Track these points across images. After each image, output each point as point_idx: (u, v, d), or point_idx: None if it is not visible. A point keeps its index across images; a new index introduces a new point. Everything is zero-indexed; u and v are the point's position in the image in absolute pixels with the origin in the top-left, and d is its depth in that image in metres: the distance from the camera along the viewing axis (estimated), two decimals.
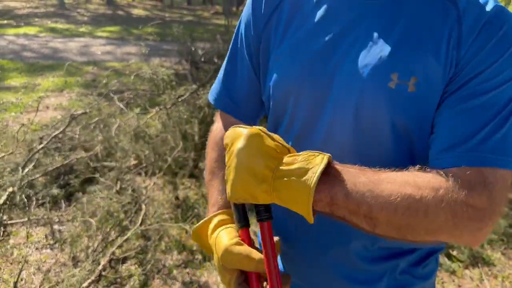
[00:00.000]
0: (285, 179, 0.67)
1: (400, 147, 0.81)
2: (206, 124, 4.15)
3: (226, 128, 1.01)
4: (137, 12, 19.02)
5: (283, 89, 0.89)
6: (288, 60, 0.88)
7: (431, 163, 0.77)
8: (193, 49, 6.68)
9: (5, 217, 2.99)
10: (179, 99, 4.46)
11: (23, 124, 4.06)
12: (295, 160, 0.69)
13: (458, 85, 0.75)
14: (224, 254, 0.78)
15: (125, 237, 2.77)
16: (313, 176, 0.65)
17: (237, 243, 0.78)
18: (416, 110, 0.77)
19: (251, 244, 0.81)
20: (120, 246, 2.75)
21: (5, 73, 7.51)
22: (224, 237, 0.81)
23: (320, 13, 0.86)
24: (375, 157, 0.81)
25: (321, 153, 0.69)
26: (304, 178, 0.66)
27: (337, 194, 0.67)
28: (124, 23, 14.86)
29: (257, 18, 0.95)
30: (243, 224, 0.80)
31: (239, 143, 0.70)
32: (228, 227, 0.83)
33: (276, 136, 0.73)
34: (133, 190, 3.26)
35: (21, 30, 12.41)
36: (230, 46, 1.04)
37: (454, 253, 2.89)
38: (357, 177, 0.69)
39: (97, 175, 3.50)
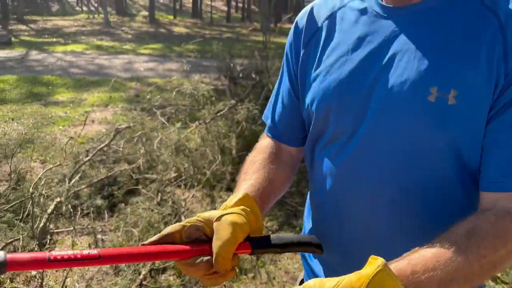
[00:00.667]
0: None
1: (446, 162, 0.79)
2: (243, 139, 4.20)
3: (273, 148, 1.05)
4: (178, 29, 19.56)
5: (323, 106, 0.90)
6: (327, 78, 0.89)
7: (485, 185, 0.75)
8: (231, 65, 6.83)
9: (52, 226, 3.13)
10: (218, 114, 4.56)
11: (70, 137, 4.26)
12: None
13: (505, 101, 0.73)
14: (222, 215, 0.76)
15: None
16: None
17: (237, 221, 0.74)
18: (459, 123, 0.75)
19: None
20: None
21: (54, 88, 7.88)
22: (233, 218, 0.76)
23: (356, 32, 0.88)
24: (413, 172, 0.81)
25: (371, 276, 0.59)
26: None
27: None
28: (166, 41, 15.32)
29: (298, 42, 0.99)
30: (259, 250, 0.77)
31: None
32: (240, 220, 0.77)
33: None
34: (173, 202, 3.33)
35: (69, 48, 13.02)
36: (280, 74, 1.09)
37: (499, 274, 2.78)
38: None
39: (139, 187, 3.60)
